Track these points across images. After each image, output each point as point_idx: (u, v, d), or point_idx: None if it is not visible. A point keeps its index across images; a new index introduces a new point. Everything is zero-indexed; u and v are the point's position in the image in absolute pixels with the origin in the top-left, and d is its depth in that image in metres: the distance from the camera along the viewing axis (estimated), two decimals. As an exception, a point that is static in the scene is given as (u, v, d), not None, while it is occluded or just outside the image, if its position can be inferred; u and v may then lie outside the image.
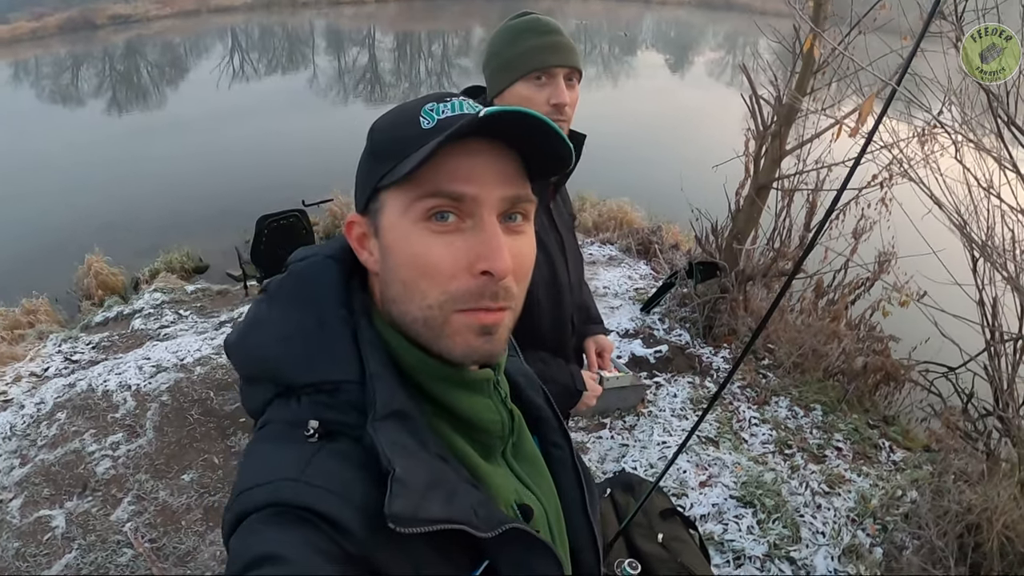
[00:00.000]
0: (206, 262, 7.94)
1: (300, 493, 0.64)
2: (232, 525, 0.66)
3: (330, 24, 35.36)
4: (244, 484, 0.67)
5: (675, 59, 26.76)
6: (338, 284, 0.77)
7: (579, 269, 1.82)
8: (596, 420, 3.91)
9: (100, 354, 5.09)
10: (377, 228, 0.75)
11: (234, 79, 21.71)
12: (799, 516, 3.13)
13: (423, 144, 0.69)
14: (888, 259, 4.34)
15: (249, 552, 0.62)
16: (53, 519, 3.28)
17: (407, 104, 0.77)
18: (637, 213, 8.10)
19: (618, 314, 5.24)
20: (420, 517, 0.64)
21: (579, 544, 0.95)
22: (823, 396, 4.17)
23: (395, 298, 0.74)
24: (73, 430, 3.90)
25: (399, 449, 0.66)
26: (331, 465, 0.67)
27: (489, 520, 0.70)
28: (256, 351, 0.76)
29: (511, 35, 1.52)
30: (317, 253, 0.80)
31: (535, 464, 0.92)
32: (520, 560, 0.75)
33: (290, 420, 0.71)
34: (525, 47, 1.49)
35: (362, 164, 0.78)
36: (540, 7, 35.76)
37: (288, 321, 0.75)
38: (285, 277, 0.80)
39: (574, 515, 0.95)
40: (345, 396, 0.71)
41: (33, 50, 27.14)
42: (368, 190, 0.76)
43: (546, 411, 0.98)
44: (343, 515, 0.63)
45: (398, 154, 0.72)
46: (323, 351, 0.73)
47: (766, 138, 4.38)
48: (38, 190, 10.66)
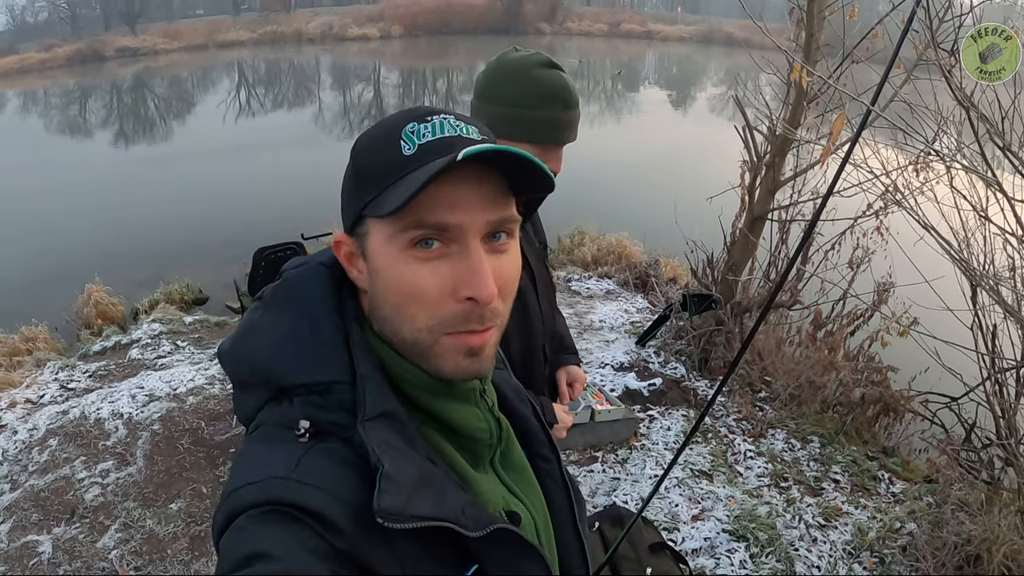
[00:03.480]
0: (206, 294, 7.91)
1: (290, 491, 0.64)
2: (222, 525, 0.67)
3: (335, 60, 35.82)
4: (235, 483, 0.68)
5: (677, 95, 27.02)
6: (330, 290, 0.78)
7: (550, 297, 1.80)
8: (588, 453, 3.87)
9: (96, 383, 5.07)
10: (364, 251, 0.75)
11: (240, 113, 21.98)
12: (794, 550, 3.08)
13: (404, 172, 0.70)
14: (887, 289, 4.32)
15: (239, 551, 0.62)
16: (40, 544, 3.24)
17: (387, 121, 0.76)
18: (636, 247, 8.11)
19: (613, 347, 5.22)
20: (409, 513, 0.64)
21: (569, 558, 0.95)
22: (821, 428, 4.13)
23: (386, 318, 0.75)
24: (64, 457, 3.87)
25: (388, 447, 0.67)
26: (321, 463, 0.68)
27: (477, 520, 0.71)
28: (248, 357, 0.77)
29: (537, 93, 1.49)
30: (310, 261, 0.82)
31: (523, 474, 0.92)
32: (508, 563, 0.75)
33: (281, 421, 0.72)
34: (551, 118, 1.49)
35: (347, 184, 0.77)
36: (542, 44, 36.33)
37: (281, 326, 0.76)
38: (279, 284, 0.81)
39: (564, 531, 0.95)
40: (336, 397, 0.72)
41: (42, 81, 27.55)
42: (353, 215, 0.76)
43: (534, 424, 0.98)
44: (332, 512, 0.64)
45: (379, 184, 0.72)
46: (315, 353, 0.74)
47: (760, 169, 4.39)
48: (42, 219, 10.73)
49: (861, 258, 4.40)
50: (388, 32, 42.79)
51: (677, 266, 7.39)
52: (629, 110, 23.86)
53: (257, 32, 39.86)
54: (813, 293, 4.64)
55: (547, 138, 1.50)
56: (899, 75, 3.22)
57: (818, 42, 3.87)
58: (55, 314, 6.83)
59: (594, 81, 29.91)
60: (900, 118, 2.83)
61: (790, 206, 4.46)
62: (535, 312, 1.67)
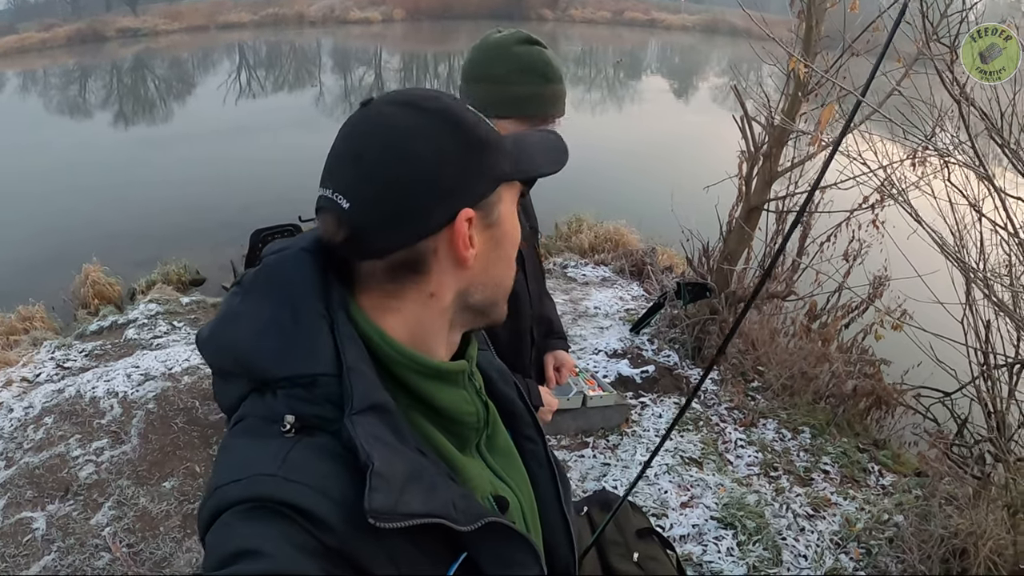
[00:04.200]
0: (204, 275, 7.90)
1: (277, 488, 0.63)
2: (208, 521, 0.66)
3: (337, 43, 35.62)
4: (220, 480, 0.67)
5: (679, 84, 26.90)
6: (313, 277, 0.75)
7: (539, 280, 1.82)
8: (579, 439, 3.89)
9: (92, 362, 5.08)
10: (493, 220, 0.79)
11: (240, 95, 21.83)
12: (781, 539, 3.10)
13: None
14: (882, 282, 4.33)
15: (226, 547, 0.61)
16: (34, 521, 3.27)
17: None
18: (633, 235, 8.10)
19: (607, 334, 5.23)
20: (400, 512, 0.64)
21: (555, 539, 0.96)
22: (812, 419, 4.15)
23: (498, 283, 0.83)
24: (59, 435, 3.89)
25: (377, 442, 0.66)
26: (308, 459, 0.66)
27: (468, 513, 0.71)
28: (229, 346, 0.75)
29: (520, 68, 1.52)
30: (291, 246, 0.79)
31: (509, 457, 0.93)
32: (498, 552, 0.75)
33: (265, 415, 0.70)
34: (533, 92, 1.52)
35: (461, 159, 0.75)
36: (544, 30, 36.14)
37: (262, 315, 0.74)
38: (259, 270, 0.78)
39: (549, 510, 0.96)
40: (321, 390, 0.70)
41: (41, 61, 27.36)
42: (492, 183, 0.78)
43: (519, 406, 0.99)
44: (321, 509, 0.63)
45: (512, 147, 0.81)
46: (298, 345, 0.71)
47: (758, 159, 4.39)
48: (41, 199, 10.72)
49: (857, 251, 4.40)
50: (390, 16, 42.48)
51: (674, 255, 7.38)
52: (631, 98, 23.76)
53: (259, 14, 39.58)
54: (808, 285, 4.65)
55: (532, 111, 1.53)
56: (899, 69, 3.21)
57: (818, 34, 3.85)
58: (52, 294, 6.84)
59: (596, 69, 29.76)
60: (899, 112, 2.84)
61: (787, 197, 4.46)
62: (523, 294, 1.69)
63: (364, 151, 0.72)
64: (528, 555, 0.79)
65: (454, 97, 0.78)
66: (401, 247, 0.73)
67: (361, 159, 0.72)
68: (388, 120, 0.73)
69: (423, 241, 0.74)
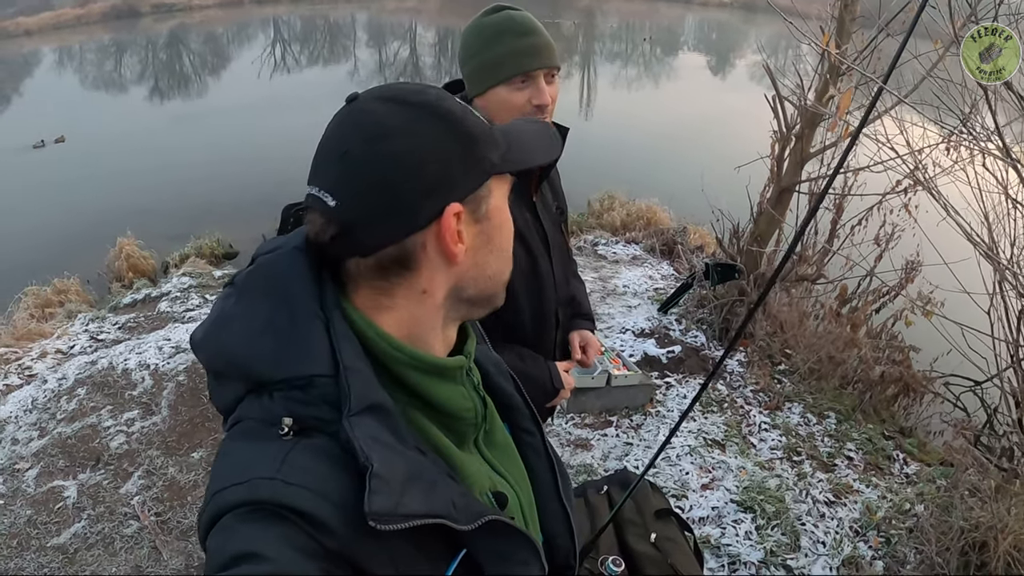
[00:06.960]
0: (236, 249, 8.00)
1: (276, 491, 0.64)
2: (208, 525, 0.66)
3: (372, 17, 35.51)
4: (219, 484, 0.67)
5: (716, 61, 26.47)
6: (307, 276, 0.75)
7: (565, 263, 1.81)
8: (603, 417, 3.89)
9: (125, 334, 5.19)
10: (482, 214, 0.78)
11: (275, 70, 21.90)
12: (800, 524, 3.08)
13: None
14: (914, 268, 4.25)
15: (226, 551, 0.62)
16: (66, 489, 3.38)
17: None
18: (665, 213, 8.04)
19: (635, 313, 5.21)
20: (400, 513, 0.64)
21: (554, 530, 0.97)
22: (838, 404, 4.10)
23: (492, 276, 0.81)
24: (91, 406, 3.99)
25: (376, 444, 0.66)
26: (307, 462, 0.66)
27: (468, 512, 0.71)
28: (224, 348, 0.74)
29: (488, 36, 1.51)
30: (284, 244, 0.78)
31: (507, 451, 0.93)
32: (498, 550, 0.75)
33: (263, 418, 0.70)
34: (504, 50, 1.49)
35: (454, 153, 0.75)
36: (579, 6, 35.68)
37: (257, 316, 0.73)
38: (253, 270, 0.77)
39: (548, 501, 0.97)
40: (318, 391, 0.69)
41: (77, 36, 27.61)
42: (481, 176, 0.77)
43: (516, 398, 0.99)
44: (321, 512, 0.64)
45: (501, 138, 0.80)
46: (294, 346, 0.71)
47: (789, 140, 4.32)
48: (79, 174, 10.90)
49: (888, 235, 4.33)
50: (426, -11, 42.28)
51: (705, 233, 7.29)
52: (667, 75, 23.45)
53: (293, -12, 39.56)
54: (839, 268, 4.58)
55: (513, 70, 1.50)
56: (936, 51, 3.13)
57: (854, 13, 3.77)
58: (87, 267, 6.98)
59: (632, 45, 29.39)
60: (934, 95, 2.77)
61: (818, 179, 4.38)
62: (547, 278, 1.68)
63: (349, 148, 0.72)
64: (528, 552, 0.79)
65: (441, 91, 0.77)
66: (389, 244, 0.72)
67: (346, 156, 0.72)
68: (373, 116, 0.73)
69: (411, 237, 0.73)
